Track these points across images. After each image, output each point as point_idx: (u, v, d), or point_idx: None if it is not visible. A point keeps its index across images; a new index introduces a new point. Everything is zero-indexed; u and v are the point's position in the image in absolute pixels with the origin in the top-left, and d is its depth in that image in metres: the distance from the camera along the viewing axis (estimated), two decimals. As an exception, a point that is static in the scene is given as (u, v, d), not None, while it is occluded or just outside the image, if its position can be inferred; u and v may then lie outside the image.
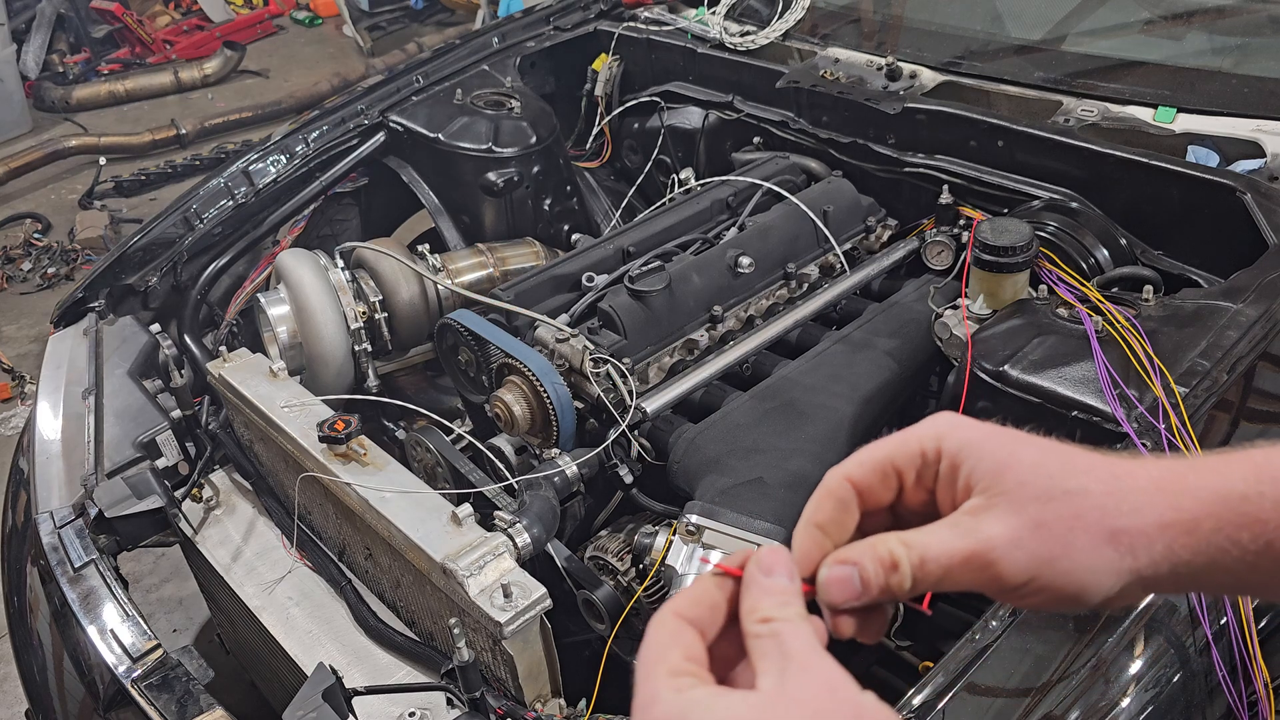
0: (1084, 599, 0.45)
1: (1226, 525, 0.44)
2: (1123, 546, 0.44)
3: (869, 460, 0.48)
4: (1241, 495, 0.44)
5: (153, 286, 1.73)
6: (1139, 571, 0.45)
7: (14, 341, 3.36)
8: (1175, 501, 0.45)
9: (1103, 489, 0.45)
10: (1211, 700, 0.90)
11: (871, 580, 0.45)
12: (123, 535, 1.32)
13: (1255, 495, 0.44)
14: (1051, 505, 0.44)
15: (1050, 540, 0.44)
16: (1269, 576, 0.44)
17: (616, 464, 1.29)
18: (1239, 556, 0.44)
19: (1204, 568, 0.44)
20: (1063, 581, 0.44)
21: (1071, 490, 0.45)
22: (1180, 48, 1.64)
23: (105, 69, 5.34)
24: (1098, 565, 0.44)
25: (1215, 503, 0.44)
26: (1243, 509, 0.44)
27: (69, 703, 1.22)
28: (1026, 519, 0.44)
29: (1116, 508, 0.45)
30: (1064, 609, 0.47)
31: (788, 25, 1.96)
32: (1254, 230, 1.27)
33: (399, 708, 1.08)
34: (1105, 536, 0.44)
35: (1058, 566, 0.44)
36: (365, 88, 2.04)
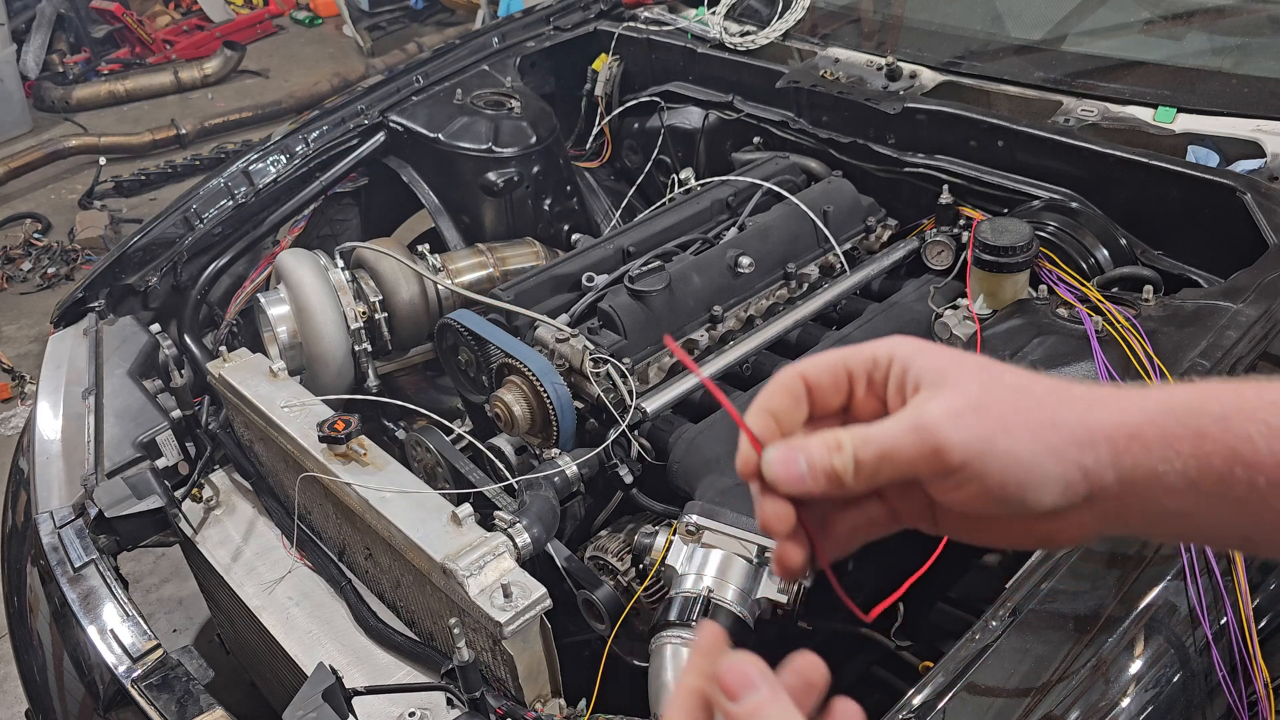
0: (1027, 492, 0.44)
1: (1169, 435, 0.43)
2: (1067, 435, 0.44)
3: (823, 361, 0.48)
4: (1185, 407, 0.44)
5: (153, 286, 1.73)
6: (1085, 467, 0.44)
7: (14, 341, 3.36)
8: (1119, 409, 0.44)
9: (1045, 390, 0.45)
10: (1211, 700, 0.90)
11: (816, 461, 0.45)
12: (123, 535, 1.32)
13: (1197, 409, 0.43)
14: (993, 392, 0.44)
15: (990, 420, 0.44)
16: (1209, 501, 0.43)
17: (616, 464, 1.29)
18: (1181, 470, 0.43)
19: (1147, 481, 0.44)
20: (1003, 463, 0.43)
21: (1013, 385, 0.45)
22: (1180, 48, 1.64)
23: (105, 69, 5.34)
24: (1039, 450, 0.43)
25: (1159, 412, 0.44)
26: (1185, 419, 0.43)
27: (69, 703, 1.22)
28: (968, 400, 0.44)
29: (1058, 404, 0.45)
30: (1007, 507, 0.45)
31: (788, 25, 1.96)
32: (1254, 230, 1.27)
33: (399, 708, 1.08)
34: (1047, 422, 0.44)
35: (998, 444, 0.43)
36: (365, 88, 2.04)
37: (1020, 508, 0.44)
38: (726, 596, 1.03)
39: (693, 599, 1.03)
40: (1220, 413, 0.43)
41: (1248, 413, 0.43)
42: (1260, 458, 0.42)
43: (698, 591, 1.03)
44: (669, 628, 1.01)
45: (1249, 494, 0.43)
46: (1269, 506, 0.43)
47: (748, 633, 1.03)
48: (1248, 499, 0.43)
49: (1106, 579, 0.90)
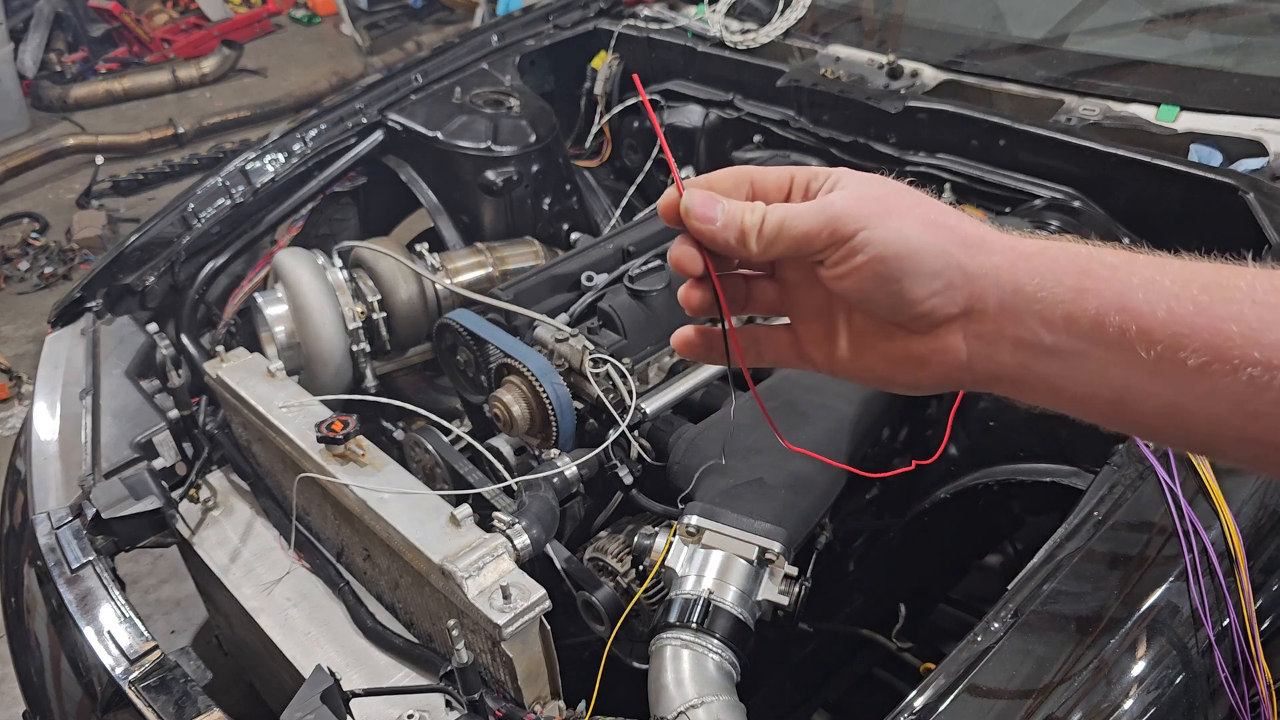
0: (906, 276, 0.47)
1: (1057, 265, 0.46)
2: (955, 235, 0.47)
3: (774, 169, 0.54)
4: (1080, 250, 0.47)
5: (150, 286, 1.72)
6: (966, 270, 0.47)
7: (11, 341, 3.35)
8: (1015, 239, 0.48)
9: (948, 208, 0.49)
10: (1214, 701, 0.90)
11: (731, 210, 0.50)
12: (120, 536, 1.31)
13: (1089, 254, 0.46)
14: (899, 194, 0.49)
15: (887, 206, 0.48)
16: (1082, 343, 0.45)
17: (616, 464, 1.28)
18: (1060, 300, 0.45)
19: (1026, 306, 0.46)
20: (889, 239, 0.47)
21: (920, 197, 0.49)
22: (1182, 46, 1.64)
23: (103, 68, 5.33)
24: (926, 239, 0.47)
25: (1053, 246, 0.47)
26: (1075, 259, 0.46)
27: (66, 704, 1.22)
28: (871, 194, 0.49)
29: (960, 218, 0.48)
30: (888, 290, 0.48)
31: (788, 23, 1.95)
32: (1256, 230, 1.27)
33: (397, 710, 1.07)
34: (939, 221, 0.48)
35: (889, 222, 0.47)
36: (363, 86, 2.03)
37: (896, 295, 0.48)
38: (727, 598, 1.03)
39: (693, 601, 1.02)
40: (1112, 262, 0.46)
41: (1136, 267, 0.45)
42: (1138, 306, 0.44)
43: (698, 593, 1.03)
44: (669, 629, 1.01)
45: (1120, 340, 0.44)
46: (1138, 358, 0.44)
47: (748, 634, 1.03)
48: (1119, 345, 0.44)
49: (1109, 580, 0.90)
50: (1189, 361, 0.42)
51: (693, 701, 0.93)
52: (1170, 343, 0.43)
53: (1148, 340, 0.43)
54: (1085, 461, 1.18)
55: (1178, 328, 0.43)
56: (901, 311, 0.48)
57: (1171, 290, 0.43)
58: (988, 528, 1.44)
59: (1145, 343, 0.43)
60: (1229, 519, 0.92)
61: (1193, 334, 0.42)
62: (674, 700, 0.94)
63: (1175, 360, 0.43)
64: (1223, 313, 0.42)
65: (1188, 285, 0.43)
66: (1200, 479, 0.94)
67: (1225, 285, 0.43)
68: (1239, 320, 0.42)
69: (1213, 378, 0.42)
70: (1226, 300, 0.42)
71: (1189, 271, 0.44)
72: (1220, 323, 0.42)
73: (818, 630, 1.31)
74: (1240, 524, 0.92)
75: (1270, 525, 0.95)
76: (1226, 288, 0.43)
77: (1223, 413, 0.43)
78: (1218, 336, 0.42)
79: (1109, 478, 0.96)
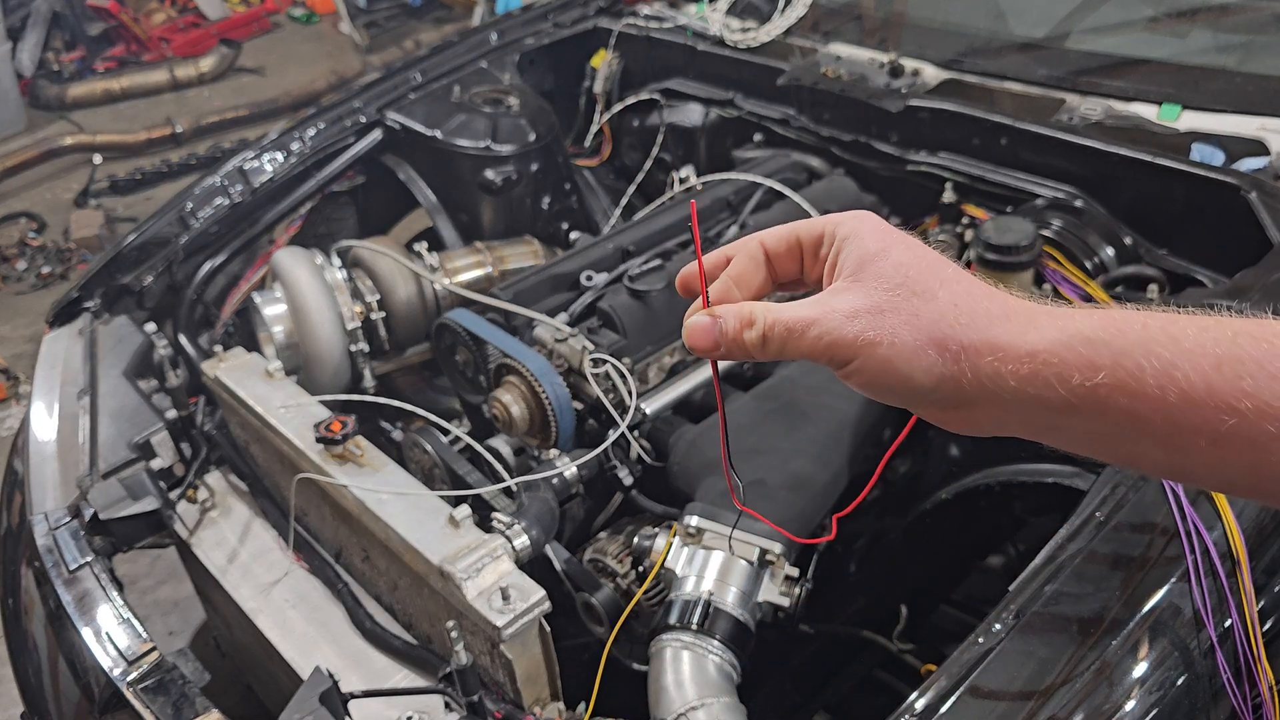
0: (901, 394, 0.50)
1: (1060, 363, 0.46)
2: (947, 354, 0.48)
3: (779, 231, 0.55)
4: (1084, 338, 0.46)
5: (148, 286, 1.72)
6: (958, 380, 0.48)
7: (9, 341, 3.34)
8: (1018, 330, 0.48)
9: (950, 299, 0.49)
10: (1216, 703, 0.90)
11: (729, 331, 0.52)
12: (118, 537, 1.31)
13: (1097, 340, 0.45)
14: (895, 298, 0.49)
15: (879, 324, 0.49)
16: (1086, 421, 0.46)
17: (616, 465, 1.28)
18: (1064, 396, 0.45)
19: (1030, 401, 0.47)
20: (881, 367, 0.49)
21: (919, 292, 0.49)
22: (1184, 45, 1.63)
23: (101, 67, 5.32)
24: (914, 361, 0.48)
25: (1057, 341, 0.46)
26: (1081, 350, 0.45)
27: (64, 705, 1.21)
28: (870, 303, 0.49)
29: (955, 319, 0.48)
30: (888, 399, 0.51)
31: (789, 22, 1.95)
32: (1258, 229, 1.27)
33: (396, 711, 1.07)
34: (931, 340, 0.48)
35: (878, 351, 0.48)
36: (362, 85, 2.03)
37: (900, 401, 0.51)
38: (727, 599, 1.02)
39: (693, 602, 1.02)
40: (1121, 347, 0.45)
41: (1149, 348, 0.45)
42: (1146, 389, 0.44)
43: (698, 594, 1.02)
44: (669, 630, 1.01)
45: (1128, 420, 0.45)
46: (1148, 434, 0.45)
47: (748, 636, 1.02)
48: (1127, 425, 0.45)
49: (1110, 581, 0.89)
50: (1202, 441, 0.43)
51: (693, 703, 0.92)
52: (1182, 423, 0.44)
53: (1159, 420, 0.44)
54: (1087, 462, 1.17)
55: (1189, 410, 0.43)
56: (908, 405, 0.51)
57: (1183, 372, 0.43)
58: (989, 529, 1.44)
59: (1158, 422, 0.44)
60: (1231, 520, 0.91)
61: (1206, 415, 0.43)
62: (674, 702, 0.93)
63: (1187, 437, 0.44)
64: (1236, 390, 0.42)
65: (1200, 365, 0.43)
66: (1203, 480, 0.94)
67: (1239, 359, 0.43)
68: (1253, 398, 0.42)
69: (1226, 450, 0.43)
70: (1239, 376, 0.42)
71: (1203, 345, 0.44)
72: (1234, 401, 0.42)
73: (818, 631, 1.31)
74: (1242, 525, 0.92)
75: (1272, 526, 0.95)
76: (1240, 361, 0.43)
77: (1235, 476, 0.44)
78: (1233, 415, 0.42)
79: (1111, 478, 0.96)
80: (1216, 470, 0.45)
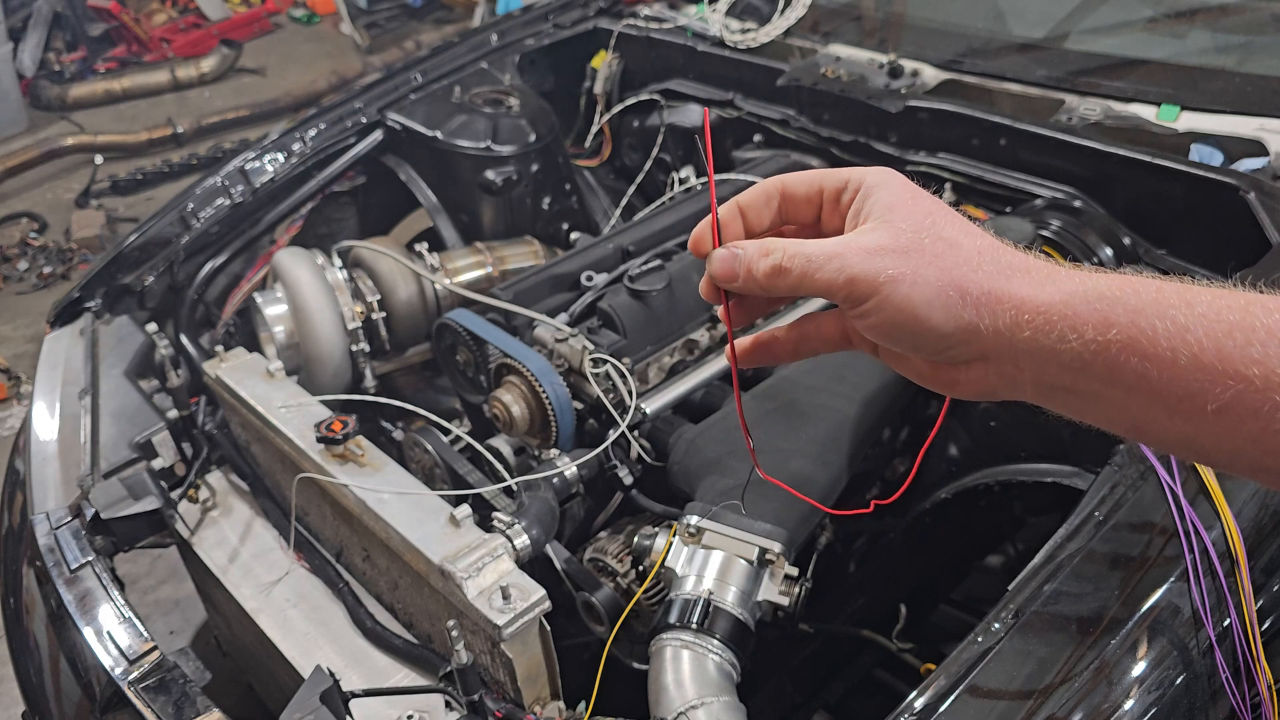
0: (917, 337, 0.49)
1: (1077, 317, 0.46)
2: (968, 298, 0.48)
3: (803, 175, 0.55)
4: (1100, 294, 0.46)
5: (149, 286, 1.72)
6: (975, 328, 0.48)
7: (10, 341, 3.35)
8: (1037, 283, 0.48)
9: (974, 247, 0.49)
10: (1214, 702, 0.90)
11: (745, 259, 0.52)
12: (119, 536, 1.31)
13: (1113, 299, 0.46)
14: (921, 240, 0.49)
15: (904, 263, 0.48)
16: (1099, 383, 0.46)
17: (616, 465, 1.28)
18: (1078, 350, 0.46)
19: (1042, 354, 0.46)
20: (900, 307, 0.48)
21: (945, 238, 0.49)
22: (1183, 46, 1.64)
23: (102, 67, 5.32)
24: (935, 301, 0.48)
25: (1074, 295, 0.47)
26: (1098, 306, 0.46)
27: (65, 705, 1.21)
28: (897, 243, 0.49)
29: (978, 265, 0.48)
30: (901, 345, 0.50)
31: (789, 23, 1.95)
32: (1257, 229, 1.27)
33: (397, 710, 1.07)
34: (954, 283, 0.48)
35: (900, 289, 0.48)
36: (363, 86, 2.03)
37: (913, 347, 0.50)
38: (727, 599, 1.03)
39: (693, 601, 1.02)
40: (1136, 305, 0.45)
41: (1163, 308, 0.45)
42: (1159, 351, 0.44)
43: (698, 594, 1.03)
44: (669, 630, 1.01)
45: (1139, 383, 0.45)
46: (1158, 399, 0.45)
47: (748, 635, 1.03)
48: (1137, 387, 0.45)
49: (1109, 581, 0.90)
50: (1210, 405, 0.43)
51: (693, 702, 0.92)
52: (1192, 387, 0.44)
53: (1169, 383, 0.44)
54: (1086, 462, 1.18)
55: (1199, 374, 0.43)
56: (921, 355, 0.51)
57: (1195, 336, 0.44)
58: (989, 528, 1.44)
59: (1167, 386, 0.44)
60: (1230, 519, 0.92)
61: (1214, 380, 0.43)
62: (674, 701, 0.93)
63: (1196, 402, 0.44)
64: (1246, 356, 0.43)
65: (1212, 329, 0.43)
66: (1201, 479, 0.94)
67: (1251, 327, 0.43)
68: (1262, 364, 0.42)
69: (1232, 417, 0.43)
70: (1249, 343, 0.43)
71: (1216, 311, 0.44)
72: (1243, 367, 0.43)
73: (818, 631, 1.31)
74: (1241, 524, 0.92)
75: (1271, 525, 0.95)
76: (1251, 329, 0.43)
77: (1240, 445, 0.44)
78: (1240, 381, 0.43)
79: (1110, 478, 0.96)
80: (1223, 441, 0.44)
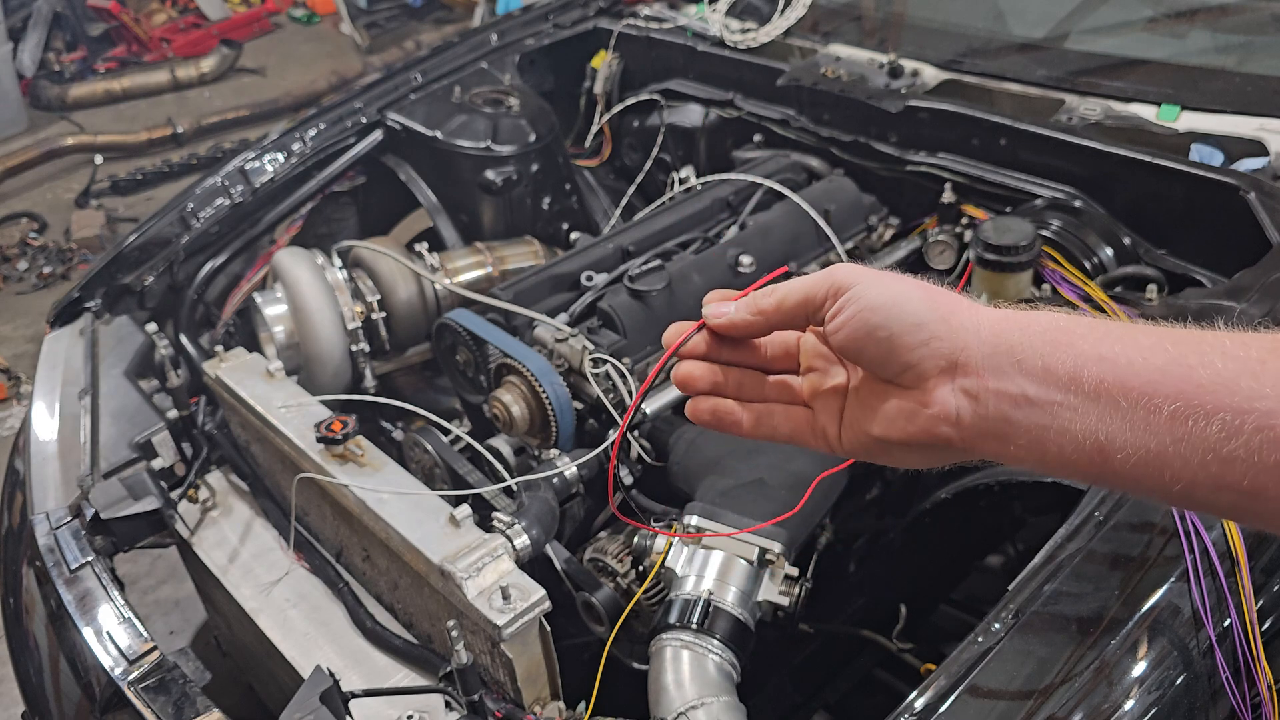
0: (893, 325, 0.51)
1: (1034, 322, 0.50)
2: (938, 301, 0.52)
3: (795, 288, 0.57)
4: (1052, 315, 0.51)
5: (149, 286, 1.72)
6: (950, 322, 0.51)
7: (10, 341, 3.34)
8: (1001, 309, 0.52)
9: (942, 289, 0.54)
10: (1215, 702, 0.90)
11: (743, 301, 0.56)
12: (119, 536, 1.31)
13: (1065, 317, 0.50)
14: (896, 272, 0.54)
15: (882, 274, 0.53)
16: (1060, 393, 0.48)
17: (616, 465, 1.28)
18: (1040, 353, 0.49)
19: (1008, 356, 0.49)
20: (878, 293, 0.52)
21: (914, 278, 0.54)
22: (1184, 46, 1.64)
23: (101, 67, 5.32)
24: (912, 294, 0.52)
25: (1034, 313, 0.51)
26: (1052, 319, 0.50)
27: (65, 705, 1.21)
28: (874, 271, 0.54)
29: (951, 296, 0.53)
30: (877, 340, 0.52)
31: (789, 23, 1.95)
32: (1257, 229, 1.27)
33: (397, 710, 1.07)
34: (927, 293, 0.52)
35: (881, 280, 0.52)
36: (363, 86, 2.03)
37: (887, 345, 0.52)
38: (727, 599, 1.03)
39: (693, 601, 1.02)
40: (1088, 322, 0.49)
41: (1111, 327, 0.48)
42: (1114, 357, 0.47)
43: (698, 594, 1.03)
44: (669, 630, 1.01)
45: (1098, 390, 0.47)
46: (1116, 407, 0.46)
47: (748, 635, 1.03)
48: (1096, 395, 0.47)
49: (1110, 581, 0.90)
50: (1164, 409, 0.45)
51: (693, 702, 0.92)
52: (1145, 390, 0.45)
53: (1124, 389, 0.46)
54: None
55: (1152, 375, 0.45)
56: (893, 360, 0.52)
57: (1145, 344, 0.46)
58: (989, 528, 1.44)
59: (1122, 391, 0.46)
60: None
61: (1166, 381, 0.45)
62: (674, 701, 0.93)
63: (1151, 408, 0.45)
64: (1194, 362, 0.45)
65: (1161, 340, 0.46)
66: (1202, 479, 0.94)
67: (1197, 340, 0.46)
68: (1209, 368, 0.44)
69: (1186, 423, 0.45)
70: (1198, 352, 0.45)
71: (1162, 330, 0.48)
72: (1192, 370, 0.45)
73: (818, 631, 1.31)
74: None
75: (1271, 526, 0.95)
76: (1199, 341, 0.46)
77: (1198, 459, 0.45)
78: (1189, 384, 0.44)
79: (1110, 478, 0.96)
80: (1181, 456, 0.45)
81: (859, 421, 0.55)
